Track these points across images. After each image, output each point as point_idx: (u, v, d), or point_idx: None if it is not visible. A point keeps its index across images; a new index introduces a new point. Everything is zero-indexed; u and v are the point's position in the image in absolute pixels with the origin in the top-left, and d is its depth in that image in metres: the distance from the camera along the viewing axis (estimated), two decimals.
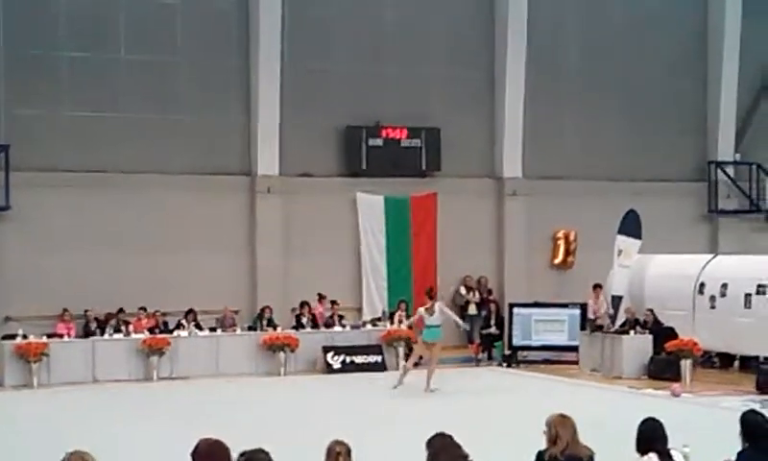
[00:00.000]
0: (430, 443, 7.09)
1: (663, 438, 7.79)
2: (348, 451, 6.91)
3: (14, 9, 26.42)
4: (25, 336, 23.65)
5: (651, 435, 7.74)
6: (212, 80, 28.26)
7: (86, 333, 24.96)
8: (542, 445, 7.80)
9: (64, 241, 26.43)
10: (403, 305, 27.48)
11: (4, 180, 25.89)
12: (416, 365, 22.76)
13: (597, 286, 27.14)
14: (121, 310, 25.65)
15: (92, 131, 27.14)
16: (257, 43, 28.07)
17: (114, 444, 15.43)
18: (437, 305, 22.19)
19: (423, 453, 7.08)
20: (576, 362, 25.67)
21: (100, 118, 27.29)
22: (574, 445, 7.63)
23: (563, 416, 7.76)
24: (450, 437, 7.08)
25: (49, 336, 24.19)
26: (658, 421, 7.82)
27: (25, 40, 26.56)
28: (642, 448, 7.74)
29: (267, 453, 6.31)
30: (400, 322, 26.69)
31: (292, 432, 16.10)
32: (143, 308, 25.78)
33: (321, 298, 27.36)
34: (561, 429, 7.62)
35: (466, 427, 8.11)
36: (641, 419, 7.88)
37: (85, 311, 25.50)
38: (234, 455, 6.23)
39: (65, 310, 25.29)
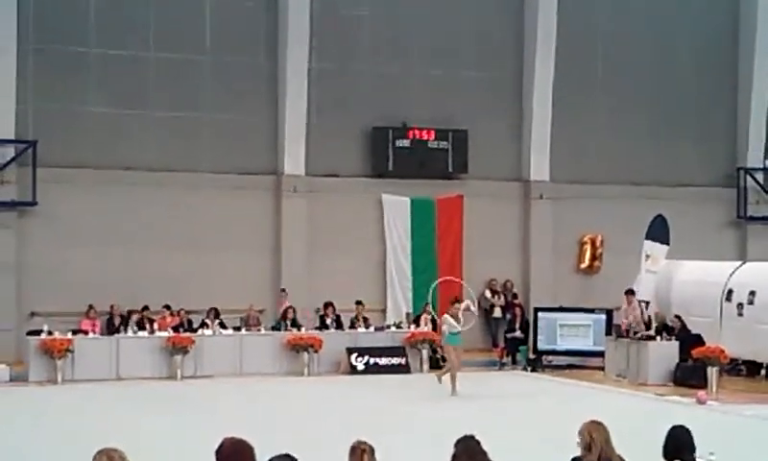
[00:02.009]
0: (456, 445, 7.06)
1: (691, 447, 7.70)
2: (372, 451, 6.91)
3: (45, 5, 26.53)
4: (50, 332, 23.72)
5: (679, 443, 7.65)
6: (240, 79, 28.28)
7: (110, 327, 25.04)
8: (570, 453, 7.69)
9: (90, 237, 26.53)
10: (429, 308, 27.42)
11: (31, 175, 26.03)
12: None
13: (629, 292, 26.15)
14: (146, 308, 25.70)
15: (120, 128, 27.24)
16: (285, 43, 28.09)
17: (138, 442, 15.42)
18: (460, 313, 22.29)
19: (446, 456, 7.04)
20: (601, 368, 25.51)
21: (128, 115, 27.38)
22: (608, 450, 7.54)
23: (595, 422, 7.65)
24: (477, 441, 7.02)
25: (74, 332, 24.26)
26: (687, 429, 7.72)
27: (54, 37, 26.67)
28: (670, 455, 7.65)
29: (295, 459, 6.28)
30: (425, 324, 26.72)
31: (315, 433, 16.06)
32: (167, 307, 25.83)
33: (283, 291, 26.97)
34: (595, 434, 7.52)
35: (490, 432, 8.02)
36: (671, 426, 7.78)
37: (111, 307, 25.63)
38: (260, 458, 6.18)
39: (91, 307, 25.40)
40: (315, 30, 28.39)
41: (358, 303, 27.14)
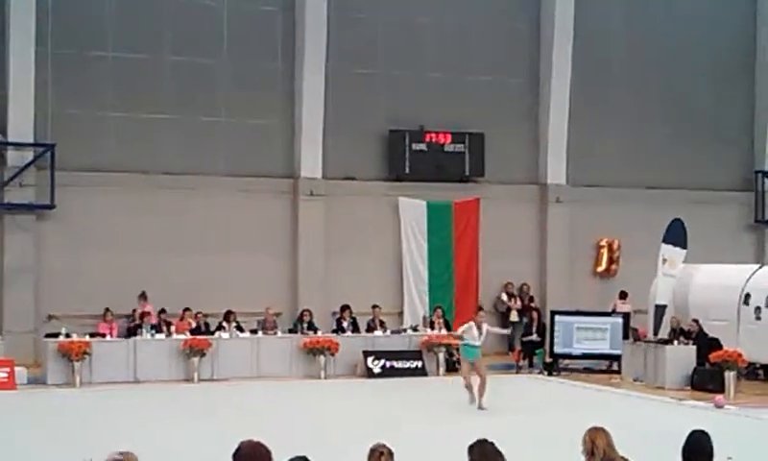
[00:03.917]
0: (471, 449, 7.01)
1: (710, 452, 7.64)
2: (391, 453, 6.90)
3: (62, 10, 26.62)
4: (68, 335, 23.79)
5: (698, 448, 7.60)
6: (257, 82, 28.33)
7: (130, 329, 25.09)
8: (581, 458, 7.70)
9: (107, 241, 26.60)
10: (440, 311, 27.42)
11: (49, 179, 26.11)
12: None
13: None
14: (163, 310, 25.74)
15: (137, 131, 27.32)
16: (302, 46, 28.13)
17: (155, 444, 15.46)
18: (485, 326, 21.10)
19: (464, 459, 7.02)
20: (618, 371, 25.48)
21: (144, 119, 27.45)
22: (611, 454, 7.57)
23: (597, 428, 7.72)
24: (492, 444, 7.00)
25: (91, 335, 24.33)
26: (706, 433, 7.68)
27: (72, 41, 26.76)
28: (688, 459, 7.61)
29: None
30: (440, 328, 26.71)
31: (333, 436, 16.08)
32: (188, 309, 25.85)
33: (143, 296, 26.05)
34: (597, 440, 7.58)
35: (506, 436, 8.02)
36: (690, 430, 7.75)
37: (133, 311, 25.69)
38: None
39: (107, 310, 25.44)
40: (332, 33, 28.41)
41: (375, 306, 27.13)
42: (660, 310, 25.82)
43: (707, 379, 22.91)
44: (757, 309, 24.34)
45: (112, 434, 15.14)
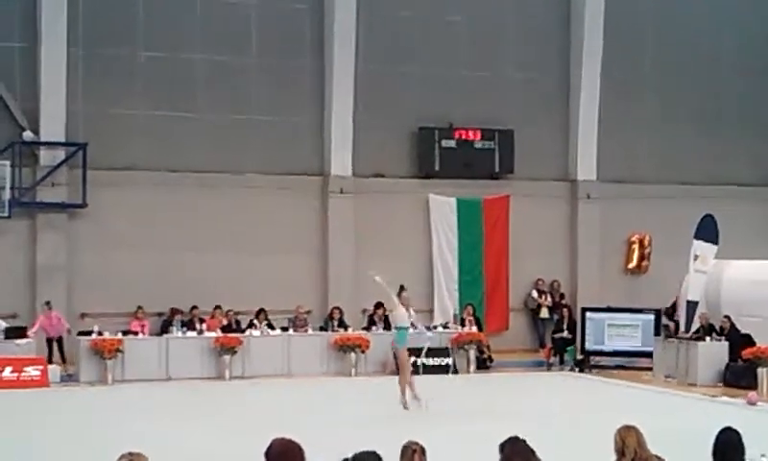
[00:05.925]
0: (503, 447, 7.00)
1: (741, 449, 7.61)
2: (423, 450, 6.90)
3: (94, 9, 26.77)
4: (100, 333, 23.95)
5: (729, 446, 7.57)
6: (286, 80, 28.40)
7: (164, 327, 25.22)
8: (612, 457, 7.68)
9: (139, 239, 26.74)
10: (470, 309, 27.38)
11: (81, 178, 26.28)
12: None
13: None
14: (194, 307, 25.83)
15: (168, 130, 27.45)
16: (332, 44, 28.16)
17: (186, 441, 15.55)
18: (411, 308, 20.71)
19: (495, 456, 7.01)
20: (649, 368, 25.36)
21: (175, 118, 27.57)
22: (642, 453, 7.52)
23: (627, 426, 7.67)
24: (524, 441, 6.99)
25: (124, 333, 24.47)
26: (736, 431, 7.64)
27: (104, 40, 26.91)
28: (719, 458, 7.58)
29: (379, 457, 6.32)
30: (471, 326, 26.67)
31: (364, 432, 16.06)
32: (219, 307, 25.94)
33: (48, 304, 24.77)
34: (627, 439, 7.54)
35: (537, 434, 8.00)
36: (720, 428, 7.71)
37: (171, 309, 25.81)
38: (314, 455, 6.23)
39: (139, 308, 25.58)
40: (361, 31, 28.43)
41: None
42: (691, 306, 25.68)
43: (739, 376, 22.81)
44: None
45: (142, 431, 15.21)
